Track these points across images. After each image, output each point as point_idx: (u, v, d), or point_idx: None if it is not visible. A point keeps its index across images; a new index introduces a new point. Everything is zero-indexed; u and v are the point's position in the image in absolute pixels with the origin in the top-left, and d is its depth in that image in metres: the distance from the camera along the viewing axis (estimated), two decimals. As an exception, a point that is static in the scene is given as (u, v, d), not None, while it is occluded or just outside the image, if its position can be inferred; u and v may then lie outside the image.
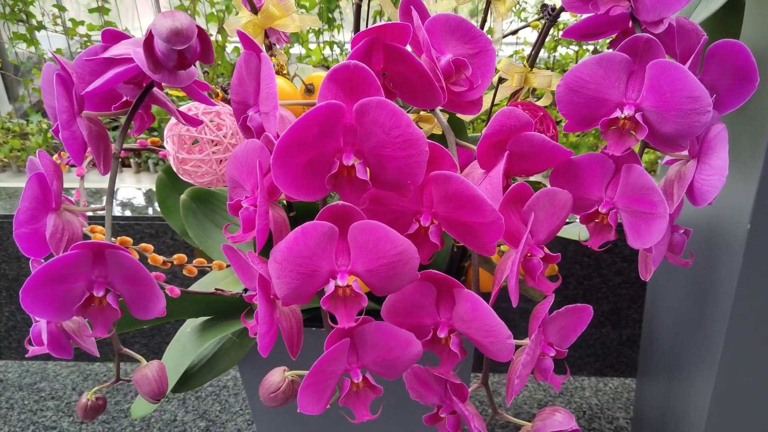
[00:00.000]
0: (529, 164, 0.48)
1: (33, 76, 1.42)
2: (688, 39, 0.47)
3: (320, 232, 0.39)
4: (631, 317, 1.24)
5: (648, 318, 1.04)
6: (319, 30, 1.32)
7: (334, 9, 1.29)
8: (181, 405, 1.26)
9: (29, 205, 0.43)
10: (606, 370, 1.30)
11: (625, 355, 1.28)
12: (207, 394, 1.29)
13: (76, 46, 1.46)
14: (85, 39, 1.40)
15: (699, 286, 0.80)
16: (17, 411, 1.26)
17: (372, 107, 0.39)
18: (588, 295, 1.23)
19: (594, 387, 1.28)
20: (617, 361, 1.29)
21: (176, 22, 0.41)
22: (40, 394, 1.31)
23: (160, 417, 1.23)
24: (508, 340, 0.42)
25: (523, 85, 0.65)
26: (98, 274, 0.42)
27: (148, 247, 0.69)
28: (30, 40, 1.36)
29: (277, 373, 0.46)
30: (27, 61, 1.41)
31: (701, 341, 0.79)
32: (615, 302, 1.23)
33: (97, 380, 1.35)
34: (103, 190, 1.42)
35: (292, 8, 0.63)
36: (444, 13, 0.50)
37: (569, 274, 1.21)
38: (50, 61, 1.35)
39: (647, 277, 0.50)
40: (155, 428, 1.21)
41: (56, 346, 0.44)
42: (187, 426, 1.21)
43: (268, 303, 0.42)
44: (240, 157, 0.44)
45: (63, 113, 0.44)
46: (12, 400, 1.29)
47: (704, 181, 0.46)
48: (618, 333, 1.26)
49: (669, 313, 0.93)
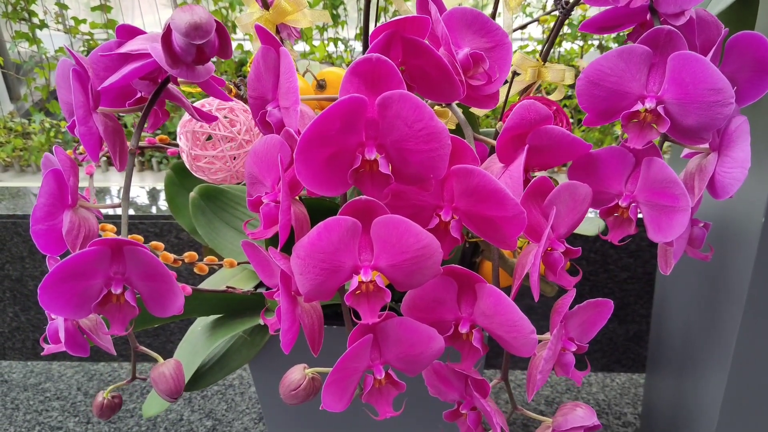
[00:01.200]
0: (548, 158, 0.48)
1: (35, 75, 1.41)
2: (708, 31, 0.47)
3: (344, 227, 0.39)
4: (638, 312, 1.24)
5: (657, 313, 1.04)
6: (323, 26, 1.32)
7: (338, 6, 1.28)
8: (187, 404, 1.26)
9: (46, 201, 0.42)
10: (613, 365, 1.30)
11: (632, 350, 1.28)
12: (213, 393, 1.29)
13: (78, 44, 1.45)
14: (87, 37, 1.40)
15: (711, 281, 0.80)
16: (23, 411, 1.25)
17: (395, 100, 0.39)
18: (594, 291, 1.22)
19: (601, 382, 1.28)
20: (624, 357, 1.29)
21: (195, 17, 0.40)
22: (45, 394, 1.30)
23: (166, 416, 1.23)
24: (532, 335, 0.42)
25: (537, 79, 0.65)
26: (116, 271, 0.41)
27: (158, 245, 0.69)
28: (32, 39, 1.35)
29: (297, 371, 0.46)
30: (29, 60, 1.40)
31: (714, 337, 0.79)
32: (621, 298, 1.23)
33: (102, 380, 1.34)
34: (107, 189, 1.41)
35: (303, 3, 0.63)
36: (460, 6, 0.50)
37: (573, 269, 1.21)
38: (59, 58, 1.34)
39: (668, 271, 0.50)
40: (161, 428, 1.21)
41: (73, 343, 0.44)
42: (193, 425, 1.21)
43: (291, 299, 0.42)
44: (260, 152, 0.44)
45: (79, 108, 0.43)
46: (17, 400, 1.28)
47: (726, 173, 0.45)
48: (625, 328, 1.26)
49: (679, 308, 0.93)
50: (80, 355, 0.45)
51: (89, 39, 1.40)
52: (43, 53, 1.37)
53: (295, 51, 0.66)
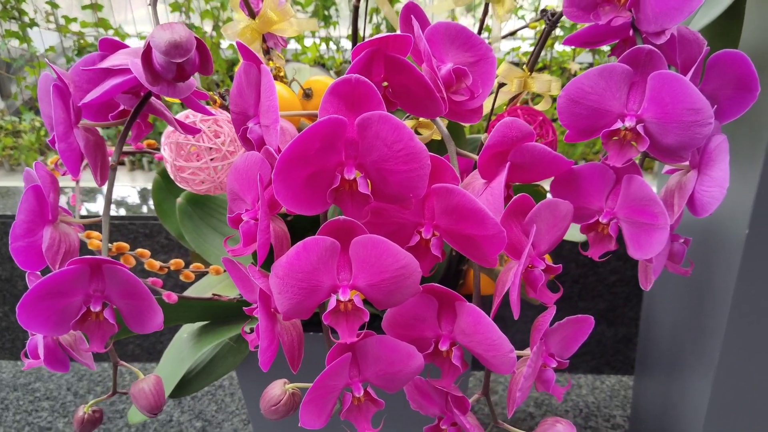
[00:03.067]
0: (530, 174, 0.48)
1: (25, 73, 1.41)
2: (689, 49, 0.47)
3: (322, 247, 0.39)
4: (627, 315, 1.25)
5: (645, 316, 1.05)
6: (314, 28, 1.31)
7: (330, 6, 1.28)
8: (177, 405, 1.26)
9: (25, 218, 0.42)
10: (602, 367, 1.30)
11: (621, 352, 1.28)
12: (203, 394, 1.29)
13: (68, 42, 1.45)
14: (78, 36, 1.39)
15: (697, 288, 0.80)
16: (12, 411, 1.25)
17: (374, 121, 0.39)
18: (583, 294, 1.23)
19: (591, 385, 1.28)
20: (613, 359, 1.29)
21: (175, 35, 0.40)
22: (35, 394, 1.30)
23: (155, 418, 1.23)
24: (510, 354, 0.42)
25: (523, 89, 0.65)
26: (95, 289, 0.41)
27: (144, 253, 0.69)
28: (22, 38, 1.35)
29: (277, 386, 0.46)
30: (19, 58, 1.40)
31: (700, 341, 0.79)
32: (611, 300, 1.24)
33: (92, 380, 1.34)
34: (97, 189, 1.41)
35: (290, 13, 0.63)
36: (444, 21, 0.50)
37: (565, 273, 1.21)
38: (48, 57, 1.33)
39: (647, 287, 0.50)
40: (151, 429, 1.21)
41: (53, 359, 0.44)
42: (183, 426, 1.21)
43: (269, 317, 0.42)
44: (240, 169, 0.44)
45: (60, 125, 0.43)
46: (7, 400, 1.28)
47: (705, 192, 0.46)
48: (614, 331, 1.26)
49: (667, 312, 0.93)
50: (60, 372, 0.46)
51: (80, 38, 1.40)
52: (33, 52, 1.37)
53: (282, 58, 0.66)
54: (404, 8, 0.49)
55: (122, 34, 1.35)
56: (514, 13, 1.33)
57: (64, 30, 1.37)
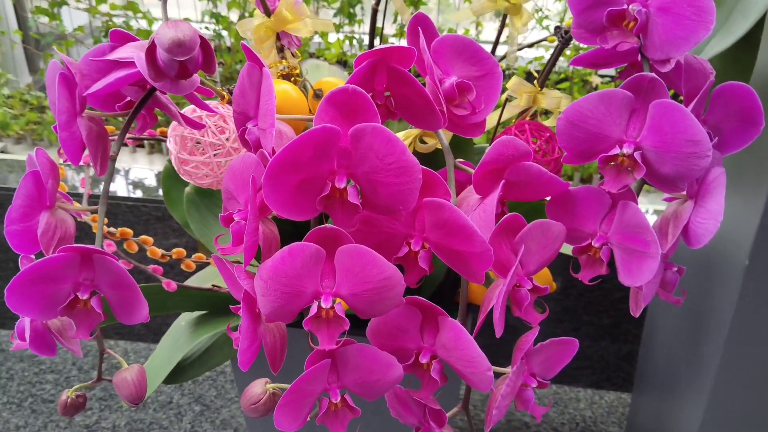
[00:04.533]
0: (526, 193, 0.48)
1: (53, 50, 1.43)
2: (695, 78, 0.47)
3: (307, 253, 0.40)
4: (631, 332, 1.24)
5: (647, 334, 1.04)
6: (340, 24, 1.32)
7: (355, 4, 1.28)
8: (177, 388, 1.28)
9: (22, 203, 0.43)
10: (602, 383, 1.30)
11: (622, 369, 1.28)
12: (204, 379, 1.31)
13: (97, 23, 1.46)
14: (107, 18, 1.41)
15: (697, 312, 0.80)
16: (17, 382, 1.28)
17: (367, 133, 0.39)
18: (588, 308, 1.22)
19: (589, 399, 1.28)
20: (614, 375, 1.29)
21: (179, 33, 0.41)
22: (41, 366, 1.33)
23: (156, 398, 1.25)
24: (488, 372, 0.42)
25: (532, 104, 0.65)
26: (85, 277, 0.42)
27: (147, 240, 0.70)
28: (52, 15, 1.37)
29: (258, 385, 0.46)
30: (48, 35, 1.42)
31: (695, 364, 0.79)
32: (615, 316, 1.23)
33: (97, 357, 1.36)
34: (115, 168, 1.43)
35: (305, 13, 0.63)
36: (452, 34, 0.50)
37: (570, 286, 1.20)
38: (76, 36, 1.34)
39: (636, 313, 0.50)
40: (151, 408, 1.22)
41: (40, 343, 0.45)
42: (182, 409, 1.22)
43: (252, 318, 0.42)
44: (236, 169, 0.44)
45: (63, 114, 0.44)
46: (12, 370, 1.31)
47: (699, 224, 0.45)
48: (617, 347, 1.26)
49: (667, 332, 0.93)
50: (47, 356, 0.46)
51: (108, 20, 1.42)
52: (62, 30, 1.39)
53: (294, 58, 0.66)
54: (413, 19, 0.49)
55: (150, 18, 1.36)
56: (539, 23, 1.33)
57: (94, 11, 1.38)
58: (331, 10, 1.32)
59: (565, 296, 1.22)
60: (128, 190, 1.34)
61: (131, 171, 1.44)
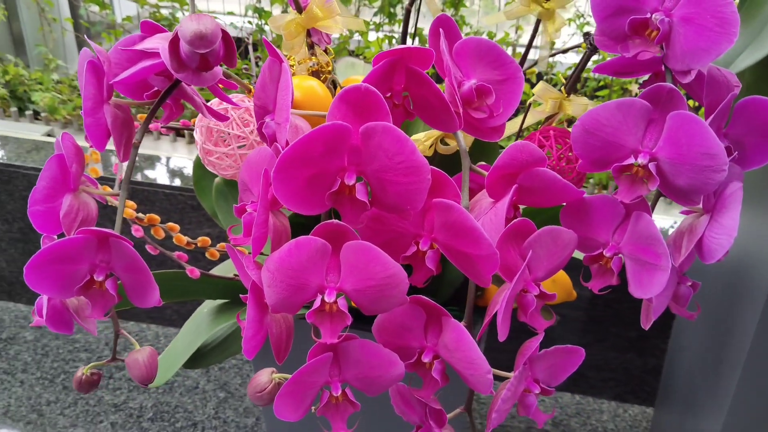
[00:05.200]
0: (539, 199, 0.48)
1: (102, 39, 1.47)
2: (718, 91, 0.46)
3: (313, 247, 0.40)
4: (658, 347, 1.22)
5: (672, 349, 1.03)
6: (380, 23, 1.32)
7: (396, 4, 1.29)
8: (204, 374, 1.30)
9: (46, 184, 0.45)
10: (627, 396, 1.28)
11: (648, 383, 1.26)
12: (230, 366, 1.33)
13: (145, 14, 1.50)
14: (154, 9, 1.44)
15: (720, 330, 0.78)
16: (51, 358, 1.32)
17: (378, 132, 0.40)
18: (616, 319, 1.21)
19: (613, 412, 1.26)
20: (639, 389, 1.27)
21: (201, 26, 0.42)
22: (75, 344, 1.37)
23: (182, 383, 1.27)
24: (488, 375, 0.42)
25: (558, 111, 0.65)
26: (102, 259, 0.43)
27: (174, 227, 0.71)
28: (102, 4, 1.41)
29: (265, 374, 0.47)
30: (98, 24, 1.46)
31: (715, 383, 0.78)
32: (642, 330, 1.21)
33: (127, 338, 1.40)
34: (155, 156, 1.46)
35: (335, 11, 0.64)
36: (475, 37, 0.50)
37: (597, 296, 1.19)
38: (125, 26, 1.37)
39: (646, 326, 0.50)
40: (177, 392, 1.25)
41: (57, 320, 0.47)
42: (207, 394, 1.25)
43: (259, 308, 0.43)
44: (252, 162, 0.45)
45: (89, 100, 0.45)
46: (48, 347, 1.35)
47: (713, 239, 0.45)
48: (643, 360, 1.24)
49: (690, 348, 0.92)
50: (63, 333, 0.48)
51: (156, 11, 1.45)
52: (111, 20, 1.42)
53: (325, 56, 0.67)
54: (435, 20, 0.49)
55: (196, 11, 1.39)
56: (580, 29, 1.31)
57: (142, 2, 1.42)
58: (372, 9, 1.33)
59: (592, 306, 1.21)
60: (168, 178, 1.36)
61: (171, 159, 1.47)
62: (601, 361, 1.26)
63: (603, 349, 1.25)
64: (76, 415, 1.19)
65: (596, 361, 1.26)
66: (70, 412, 1.20)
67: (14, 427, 1.17)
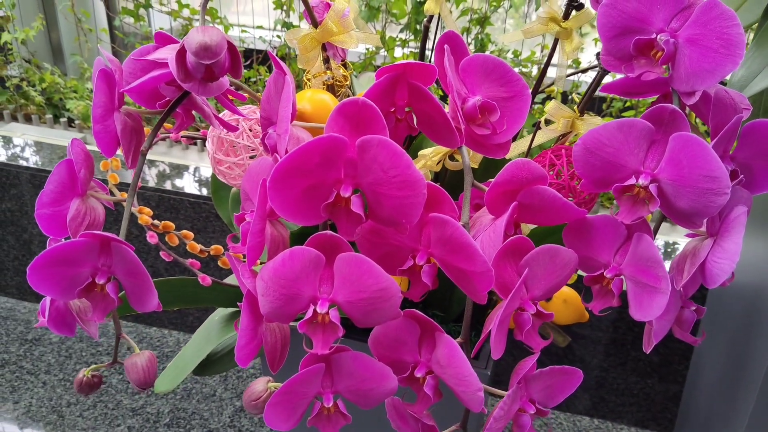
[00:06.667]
0: (539, 217, 0.48)
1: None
2: (724, 113, 0.46)
3: (307, 257, 0.41)
4: (681, 373, 1.19)
5: (691, 375, 1.01)
6: (405, 40, 1.33)
7: (422, 20, 1.30)
8: (221, 381, 1.31)
9: (54, 188, 0.46)
10: (647, 422, 1.25)
11: (669, 410, 1.23)
12: (248, 375, 1.34)
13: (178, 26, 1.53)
14: (187, 22, 1.47)
15: (737, 353, 0.77)
16: (74, 360, 1.34)
17: (373, 145, 0.40)
18: (637, 343, 1.19)
19: (632, 437, 1.24)
20: (660, 416, 1.24)
21: (206, 38, 0.43)
22: (98, 348, 1.39)
23: (200, 390, 1.28)
24: (478, 392, 0.42)
25: (570, 130, 0.64)
26: (104, 263, 0.44)
27: (188, 234, 0.72)
28: (137, 16, 1.44)
29: (260, 383, 0.48)
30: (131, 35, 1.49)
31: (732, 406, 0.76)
32: (665, 355, 1.19)
33: (150, 344, 1.42)
34: (183, 166, 1.48)
35: (350, 26, 0.65)
36: (482, 54, 0.50)
37: (620, 318, 1.17)
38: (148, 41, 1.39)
39: (648, 349, 0.49)
40: (194, 399, 1.26)
41: (60, 322, 0.48)
42: (224, 402, 1.25)
43: (253, 316, 0.44)
44: (252, 172, 0.46)
45: (98, 107, 0.47)
46: (71, 350, 1.37)
47: (716, 263, 0.44)
48: (665, 387, 1.21)
49: (709, 373, 0.90)
50: (65, 335, 0.49)
51: (188, 24, 1.48)
52: (145, 31, 1.46)
53: (340, 70, 0.68)
54: (442, 37, 0.50)
55: (226, 24, 1.42)
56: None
57: (175, 14, 1.45)
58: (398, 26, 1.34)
59: (614, 329, 1.19)
60: (196, 188, 1.38)
61: (199, 170, 1.49)
62: (623, 385, 1.24)
63: (624, 372, 1.23)
64: (94, 418, 1.21)
65: (617, 384, 1.23)
66: (89, 414, 1.22)
67: (34, 427, 1.19)
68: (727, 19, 0.42)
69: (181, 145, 1.54)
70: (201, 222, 1.34)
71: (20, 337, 1.41)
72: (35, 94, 1.53)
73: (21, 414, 1.21)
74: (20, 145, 1.53)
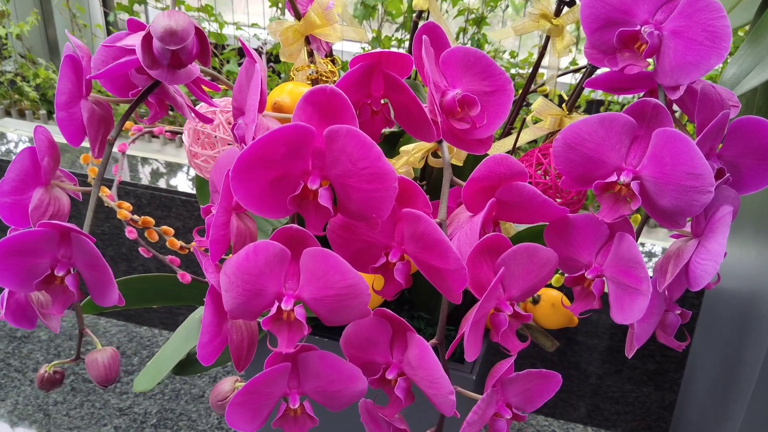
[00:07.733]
0: (518, 215, 0.46)
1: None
2: (710, 109, 0.44)
3: (271, 252, 0.39)
4: (677, 381, 1.17)
5: (685, 382, 0.99)
6: (401, 39, 1.32)
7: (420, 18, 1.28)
8: (210, 382, 1.29)
9: (15, 177, 0.44)
10: (642, 431, 1.23)
11: (664, 419, 1.21)
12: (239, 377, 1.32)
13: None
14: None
15: (729, 359, 0.75)
16: (62, 358, 1.32)
17: (341, 135, 0.39)
18: (632, 351, 1.17)
19: (626, 446, 1.22)
20: (656, 425, 1.22)
21: (172, 22, 0.41)
22: (87, 347, 1.37)
23: (189, 390, 1.27)
24: (450, 396, 0.40)
25: (558, 127, 0.62)
26: (63, 255, 0.43)
27: (168, 230, 0.71)
28: (131, 12, 1.43)
29: (228, 382, 0.46)
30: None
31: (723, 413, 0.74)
32: (661, 363, 1.17)
33: (141, 344, 1.40)
34: (177, 164, 1.47)
35: (334, 18, 0.63)
36: (463, 46, 0.49)
37: (616, 325, 1.15)
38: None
39: (630, 354, 0.47)
40: (182, 400, 1.24)
41: (19, 315, 0.46)
42: (213, 404, 1.24)
43: (216, 312, 0.42)
44: (220, 163, 0.44)
45: (62, 94, 0.45)
46: (60, 348, 1.36)
47: (699, 264, 0.42)
48: (660, 395, 1.19)
49: (702, 384, 0.88)
50: (24, 328, 0.47)
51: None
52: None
53: (324, 64, 0.66)
54: (421, 27, 0.48)
55: (221, 22, 1.40)
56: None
57: (169, 10, 1.43)
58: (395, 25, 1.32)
59: (611, 336, 1.17)
60: (189, 186, 1.37)
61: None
62: (618, 393, 1.21)
63: (620, 380, 1.21)
64: (81, 417, 1.19)
65: (612, 392, 1.21)
66: (76, 413, 1.20)
67: (19, 425, 1.18)
68: (713, 11, 0.41)
69: (175, 143, 1.53)
70: (192, 220, 1.32)
71: (8, 335, 1.39)
72: (29, 90, 1.52)
73: (7, 412, 1.20)
74: (14, 140, 1.52)
